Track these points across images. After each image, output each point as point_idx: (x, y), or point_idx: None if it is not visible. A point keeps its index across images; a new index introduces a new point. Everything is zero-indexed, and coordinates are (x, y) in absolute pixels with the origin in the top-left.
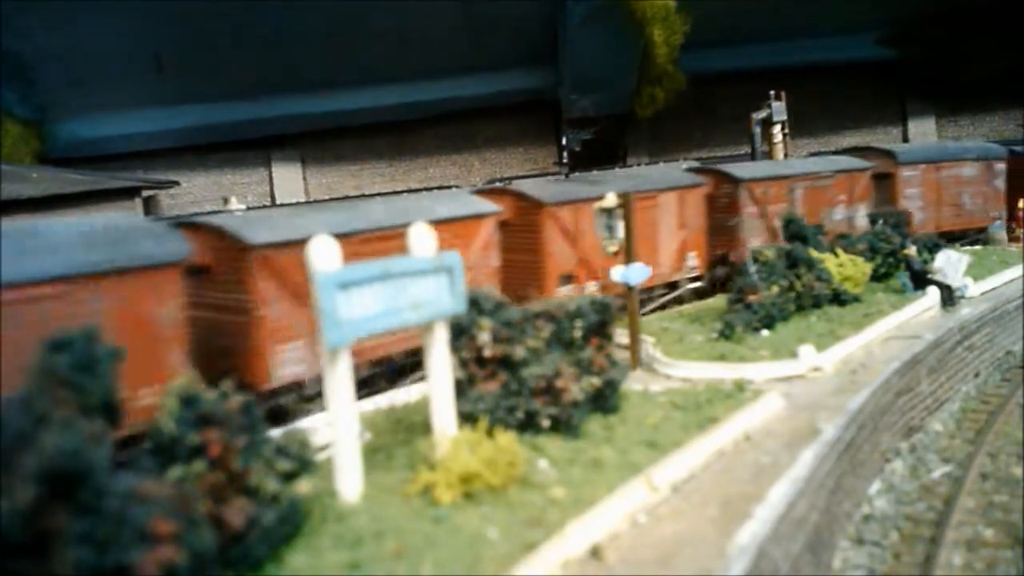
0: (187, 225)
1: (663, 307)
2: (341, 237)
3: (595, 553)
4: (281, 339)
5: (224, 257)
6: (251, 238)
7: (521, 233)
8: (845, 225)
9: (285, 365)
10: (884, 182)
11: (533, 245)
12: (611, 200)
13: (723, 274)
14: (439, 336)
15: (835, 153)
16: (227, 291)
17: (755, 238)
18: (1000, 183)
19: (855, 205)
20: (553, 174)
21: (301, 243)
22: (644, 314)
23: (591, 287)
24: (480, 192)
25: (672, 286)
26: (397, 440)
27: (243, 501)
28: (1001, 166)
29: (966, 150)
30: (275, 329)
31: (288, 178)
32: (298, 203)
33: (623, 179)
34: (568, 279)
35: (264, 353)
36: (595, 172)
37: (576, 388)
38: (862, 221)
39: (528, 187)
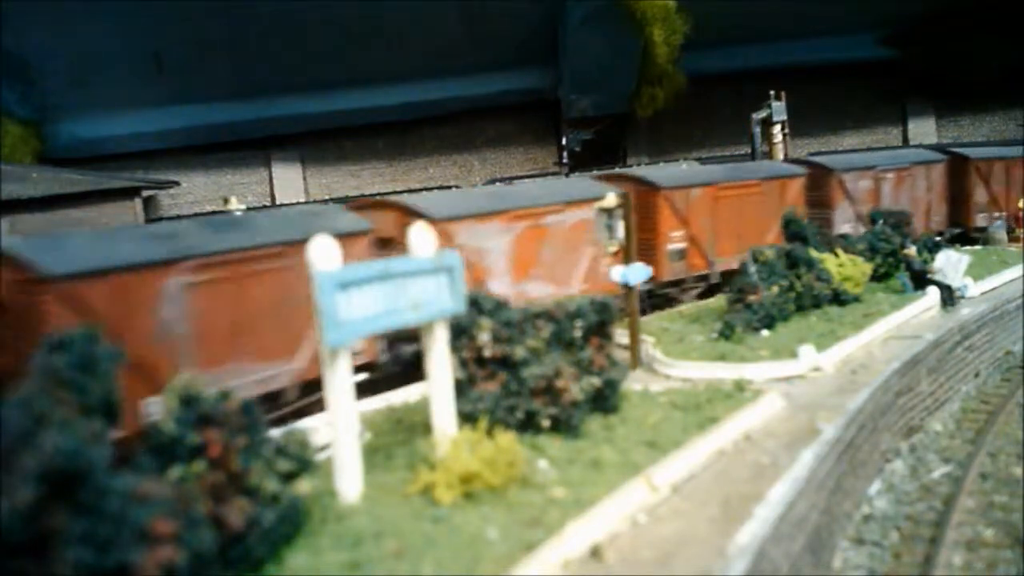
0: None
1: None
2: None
3: (595, 553)
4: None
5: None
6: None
7: None
8: None
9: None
10: None
11: None
12: (611, 200)
13: None
14: (439, 336)
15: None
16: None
17: None
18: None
19: None
20: (553, 174)
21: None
22: None
23: None
24: None
25: None
26: (397, 440)
27: (243, 501)
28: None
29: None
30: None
31: (288, 178)
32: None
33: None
34: None
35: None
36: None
37: (576, 388)
38: None
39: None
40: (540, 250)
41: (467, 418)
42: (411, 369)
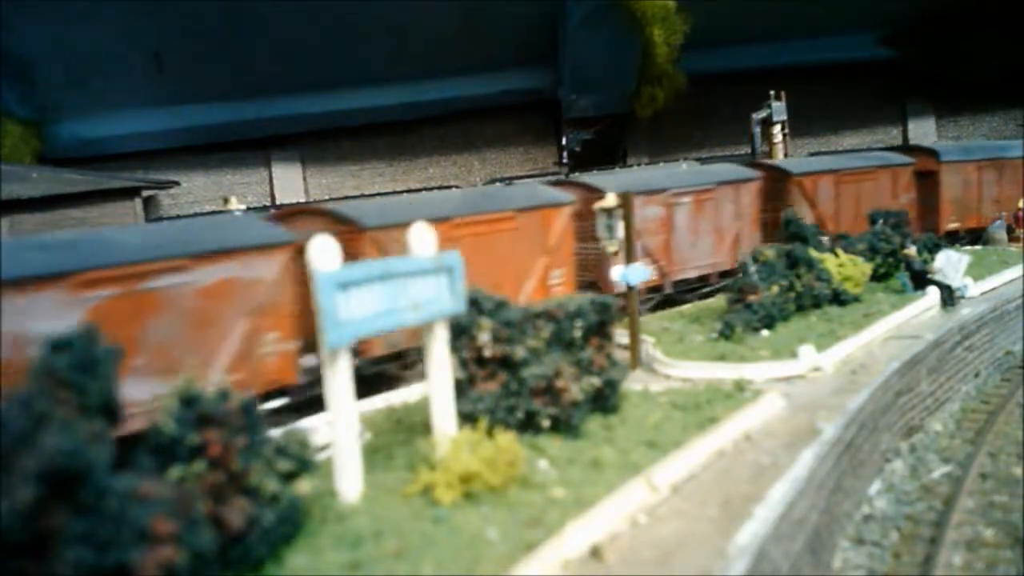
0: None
1: None
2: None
3: (595, 553)
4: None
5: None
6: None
7: None
8: None
9: None
10: None
11: None
12: (611, 200)
13: None
14: (439, 336)
15: None
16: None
17: None
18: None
19: None
20: (553, 174)
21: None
22: None
23: None
24: None
25: None
26: (397, 440)
27: (243, 501)
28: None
29: None
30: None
31: (288, 178)
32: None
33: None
34: None
35: None
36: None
37: (576, 388)
38: None
39: None
40: (142, 330)
41: (467, 418)
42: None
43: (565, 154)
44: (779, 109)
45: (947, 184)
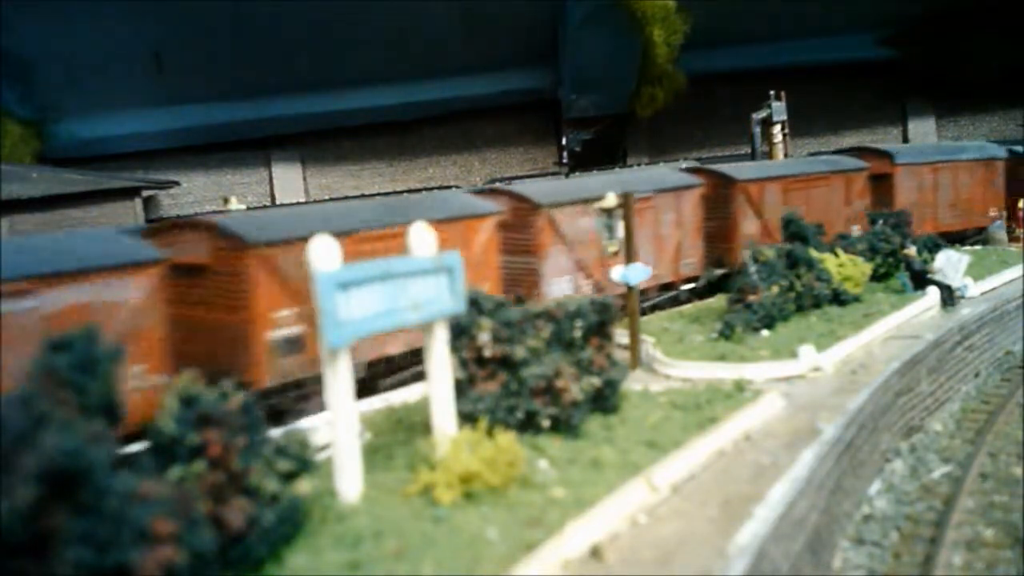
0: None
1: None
2: None
3: (595, 553)
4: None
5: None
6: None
7: None
8: None
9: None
10: None
11: None
12: (611, 200)
13: None
14: (439, 336)
15: None
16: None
17: None
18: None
19: None
20: (553, 174)
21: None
22: None
23: None
24: None
25: None
26: (397, 440)
27: (243, 501)
28: None
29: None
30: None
31: (288, 178)
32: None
33: None
34: None
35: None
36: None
37: (576, 388)
38: None
39: None
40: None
41: (467, 418)
42: None
43: (565, 154)
44: (779, 109)
45: (902, 188)
